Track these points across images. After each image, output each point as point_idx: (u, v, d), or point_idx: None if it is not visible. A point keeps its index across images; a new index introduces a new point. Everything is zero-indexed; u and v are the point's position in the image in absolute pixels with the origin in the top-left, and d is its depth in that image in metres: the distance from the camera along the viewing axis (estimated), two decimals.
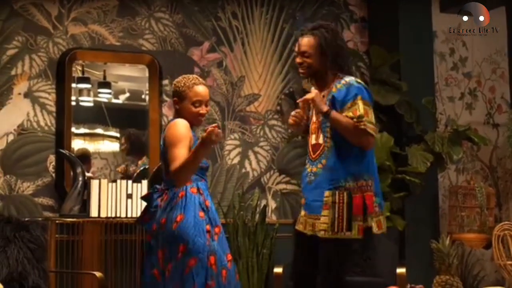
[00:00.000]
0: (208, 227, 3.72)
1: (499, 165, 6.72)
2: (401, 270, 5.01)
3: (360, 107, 3.73)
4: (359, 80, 3.86)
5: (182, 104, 3.84)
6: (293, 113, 3.97)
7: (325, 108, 3.75)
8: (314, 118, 3.92)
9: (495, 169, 6.71)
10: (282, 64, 6.26)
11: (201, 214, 3.72)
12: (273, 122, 6.19)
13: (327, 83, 3.85)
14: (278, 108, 6.22)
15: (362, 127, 3.71)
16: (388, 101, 5.92)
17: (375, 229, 3.77)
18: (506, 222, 5.75)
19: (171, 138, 3.74)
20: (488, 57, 6.80)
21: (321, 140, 3.83)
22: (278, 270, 5.06)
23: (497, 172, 6.71)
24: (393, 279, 4.87)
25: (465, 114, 6.65)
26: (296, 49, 3.92)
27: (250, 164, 6.08)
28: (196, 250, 3.64)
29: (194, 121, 3.87)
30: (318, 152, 3.84)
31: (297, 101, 3.95)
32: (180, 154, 3.68)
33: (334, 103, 3.79)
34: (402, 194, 5.79)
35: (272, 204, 6.11)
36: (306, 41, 3.84)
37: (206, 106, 3.87)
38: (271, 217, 6.02)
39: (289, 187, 6.16)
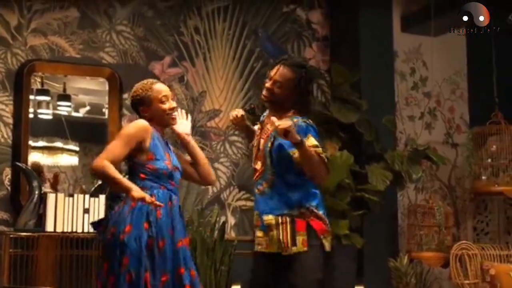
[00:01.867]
0: (150, 241, 3.54)
1: (457, 184, 6.78)
2: None
3: (313, 140, 3.71)
4: (306, 120, 3.82)
5: (150, 108, 3.71)
6: (234, 114, 3.96)
7: (298, 137, 3.65)
8: (255, 143, 3.95)
9: (454, 188, 6.77)
10: (243, 80, 6.25)
11: (146, 225, 3.56)
12: (234, 138, 6.17)
13: (279, 116, 3.80)
14: None
15: (323, 155, 3.70)
16: (348, 119, 5.94)
17: (328, 247, 3.81)
18: (464, 241, 5.80)
19: (118, 132, 3.69)
20: (448, 78, 6.88)
21: (258, 166, 3.85)
22: (236, 287, 5.02)
23: (455, 191, 6.77)
24: None
25: (425, 134, 6.70)
26: (271, 73, 3.86)
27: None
28: (131, 265, 3.50)
29: (168, 120, 3.73)
30: (257, 175, 3.87)
31: (270, 123, 3.71)
32: (113, 149, 3.56)
33: (281, 146, 3.76)
34: (361, 212, 5.80)
35: (232, 221, 6.07)
36: (283, 72, 3.80)
37: (173, 100, 3.77)
38: (230, 234, 5.99)
39: (249, 203, 6.12)
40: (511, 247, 5.97)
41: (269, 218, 3.80)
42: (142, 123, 3.68)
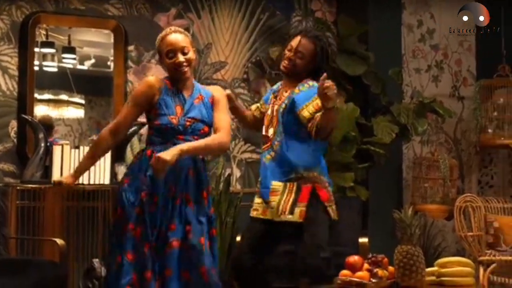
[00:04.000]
0: (143, 194, 3.59)
1: (463, 137, 6.77)
2: (363, 240, 5.06)
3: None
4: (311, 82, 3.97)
5: (161, 60, 3.72)
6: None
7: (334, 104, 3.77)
8: (269, 111, 4.08)
9: (459, 141, 6.76)
10: (249, 32, 6.21)
11: (143, 180, 3.60)
12: (240, 90, 6.15)
13: (294, 83, 3.99)
14: (245, 76, 6.18)
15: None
16: (355, 72, 5.92)
17: (334, 215, 4.00)
18: (468, 194, 5.81)
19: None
20: (455, 30, 6.81)
21: (270, 133, 4.00)
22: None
23: (461, 144, 6.77)
24: (355, 249, 4.91)
25: (431, 86, 6.67)
26: (293, 44, 3.99)
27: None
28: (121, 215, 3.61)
29: (175, 74, 3.68)
30: (267, 145, 4.04)
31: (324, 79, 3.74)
32: (121, 112, 3.69)
33: (293, 103, 3.92)
34: (366, 164, 5.82)
35: (237, 173, 6.10)
36: (306, 44, 3.97)
37: (184, 54, 3.65)
38: (235, 186, 6.02)
39: (254, 156, 6.14)
40: None
41: (277, 184, 3.95)
42: (147, 80, 3.70)
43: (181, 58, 3.66)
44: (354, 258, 3.99)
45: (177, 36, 3.69)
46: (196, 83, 3.85)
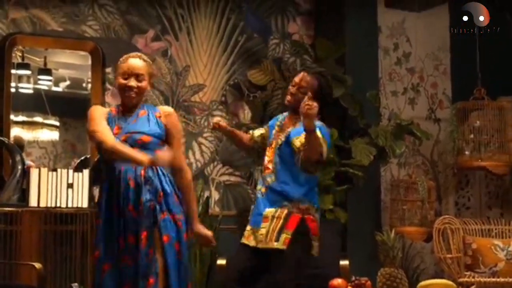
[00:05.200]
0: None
1: (440, 159, 6.81)
2: (344, 262, 5.04)
3: (320, 134, 3.98)
4: (323, 124, 4.16)
5: (116, 79, 3.77)
6: (217, 120, 4.37)
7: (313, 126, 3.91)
8: (273, 144, 4.25)
9: (436, 163, 6.80)
10: (227, 55, 6.21)
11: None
12: (218, 112, 6.13)
13: (296, 120, 4.14)
14: (223, 99, 6.17)
15: (324, 149, 3.98)
16: (332, 94, 5.93)
17: (315, 252, 4.13)
18: (447, 216, 5.85)
19: None
20: (430, 53, 6.88)
21: (270, 165, 4.17)
22: (221, 262, 5.02)
23: (437, 166, 6.81)
24: (336, 271, 4.89)
25: (408, 109, 6.72)
26: (296, 80, 4.21)
27: (194, 154, 6.03)
28: None
29: (123, 97, 3.74)
30: (266, 172, 4.19)
31: (305, 101, 3.89)
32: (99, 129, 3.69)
33: (288, 135, 4.12)
34: (345, 187, 5.82)
35: (216, 196, 6.06)
36: (309, 80, 4.18)
37: (138, 81, 3.70)
38: (214, 209, 5.98)
39: (233, 178, 6.12)
40: (492, 221, 6.03)
41: (270, 210, 4.10)
42: (94, 106, 3.97)
43: (132, 83, 3.71)
44: (337, 281, 3.98)
45: (137, 62, 3.75)
46: (145, 104, 3.86)
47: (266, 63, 6.22)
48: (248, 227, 4.21)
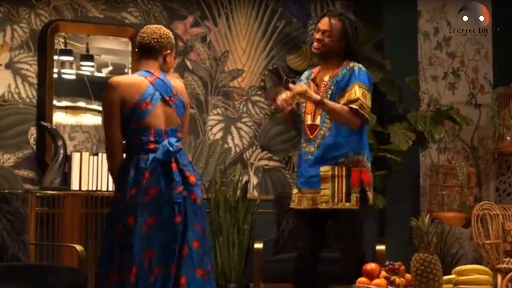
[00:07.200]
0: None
1: (480, 145, 6.75)
2: (380, 248, 5.05)
3: (357, 91, 3.92)
4: (361, 67, 4.03)
5: (171, 54, 3.99)
6: (283, 98, 3.98)
7: (317, 97, 3.92)
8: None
9: (476, 149, 6.74)
10: (266, 40, 6.23)
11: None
12: (256, 98, 6.17)
13: (333, 67, 4.05)
14: (262, 84, 6.20)
15: (355, 107, 3.89)
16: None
17: (371, 200, 4.05)
18: (486, 202, 5.79)
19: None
20: (472, 37, 6.80)
21: (318, 121, 4.02)
22: (258, 245, 5.08)
23: (478, 152, 6.74)
24: (372, 256, 4.91)
25: (448, 94, 6.66)
26: (320, 26, 4.08)
27: (233, 139, 6.08)
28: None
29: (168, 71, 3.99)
30: (315, 133, 4.02)
31: (286, 96, 3.91)
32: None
33: (337, 88, 4.00)
34: (383, 172, 5.81)
35: (254, 180, 6.11)
36: (332, 23, 4.03)
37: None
38: (253, 193, 6.03)
39: (271, 163, 6.16)
40: None
41: (326, 169, 3.96)
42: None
43: None
44: (371, 266, 3.97)
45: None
46: None
47: (305, 48, 6.22)
48: (295, 191, 4.08)
